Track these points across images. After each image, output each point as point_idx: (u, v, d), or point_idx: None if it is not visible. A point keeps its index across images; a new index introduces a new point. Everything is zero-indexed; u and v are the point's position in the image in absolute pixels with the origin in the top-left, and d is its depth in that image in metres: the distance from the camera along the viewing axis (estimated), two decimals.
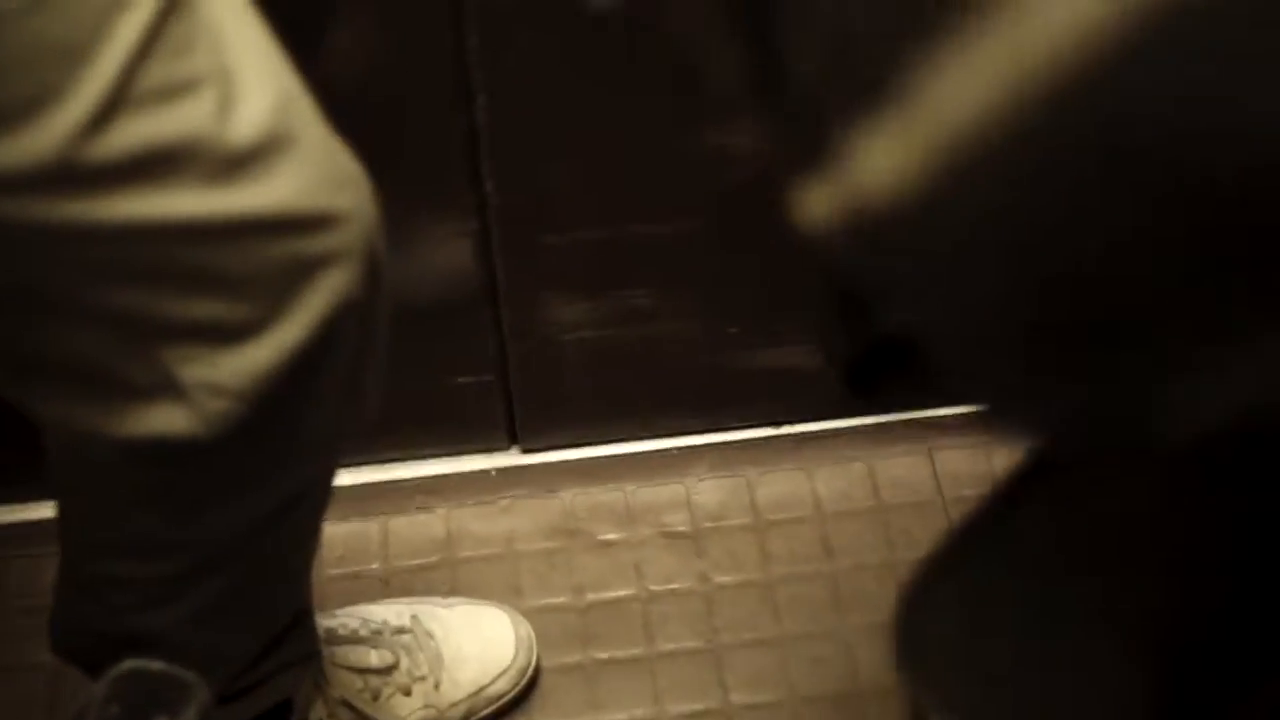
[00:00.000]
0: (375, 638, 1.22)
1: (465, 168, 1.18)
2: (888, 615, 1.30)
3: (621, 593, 1.33)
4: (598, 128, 1.17)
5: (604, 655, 1.30)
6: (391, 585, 1.32)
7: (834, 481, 1.39)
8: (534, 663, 1.27)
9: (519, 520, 1.37)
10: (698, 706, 1.27)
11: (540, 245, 1.25)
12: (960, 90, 0.36)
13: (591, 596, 1.33)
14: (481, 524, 1.36)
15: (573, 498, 1.38)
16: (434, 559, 1.35)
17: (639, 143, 1.18)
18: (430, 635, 1.24)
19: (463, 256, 1.25)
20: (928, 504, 1.38)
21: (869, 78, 0.37)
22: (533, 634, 1.27)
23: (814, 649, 1.30)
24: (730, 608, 1.32)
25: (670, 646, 1.30)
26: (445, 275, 1.28)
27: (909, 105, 0.37)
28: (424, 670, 1.22)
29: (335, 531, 1.31)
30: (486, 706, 1.24)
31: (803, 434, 1.40)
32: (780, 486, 1.38)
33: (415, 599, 1.28)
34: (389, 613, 1.25)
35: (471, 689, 1.23)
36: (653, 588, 1.33)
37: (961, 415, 1.41)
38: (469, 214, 1.22)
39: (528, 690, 1.27)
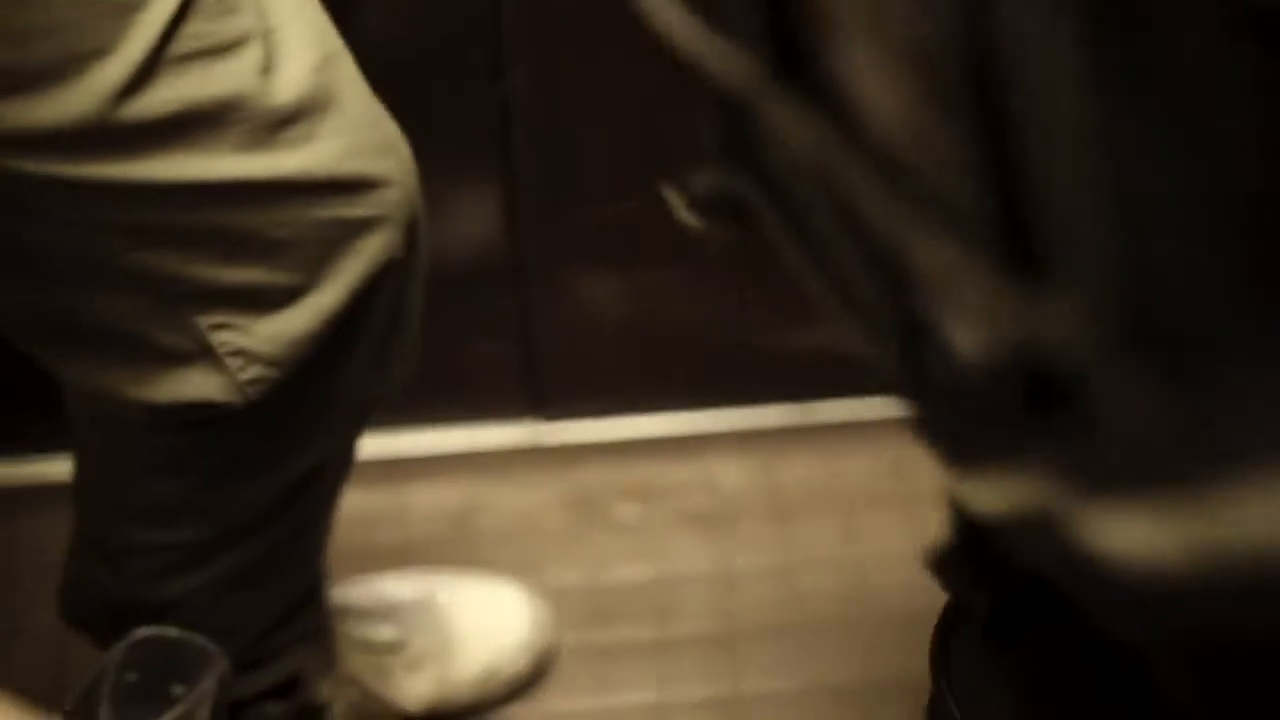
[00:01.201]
0: (385, 613, 1.20)
1: (498, 137, 1.16)
2: (910, 606, 1.29)
3: (639, 574, 1.31)
4: (630, 99, 1.15)
5: (618, 637, 1.28)
6: (408, 557, 1.30)
7: (860, 468, 1.37)
8: (548, 644, 1.25)
9: (539, 495, 1.35)
10: (711, 692, 1.25)
11: (569, 217, 1.23)
12: None
13: (608, 576, 1.31)
14: (500, 498, 1.34)
15: (594, 474, 1.36)
16: (451, 532, 1.33)
17: (671, 115, 1.16)
18: (442, 611, 1.22)
19: (490, 226, 1.24)
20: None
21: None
22: (548, 614, 1.25)
23: (832, 638, 1.28)
24: (749, 593, 1.30)
25: (685, 630, 1.28)
26: (472, 244, 1.26)
27: None
28: (435, 647, 1.20)
29: (353, 501, 1.28)
30: (499, 687, 1.22)
31: (830, 420, 1.38)
32: (805, 471, 1.36)
33: (430, 573, 1.26)
34: (403, 587, 1.23)
35: (483, 668, 1.21)
36: (670, 569, 1.31)
37: None
38: (498, 184, 1.20)
39: (541, 671, 1.25)
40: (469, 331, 1.30)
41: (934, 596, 0.84)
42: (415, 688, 1.18)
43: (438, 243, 1.21)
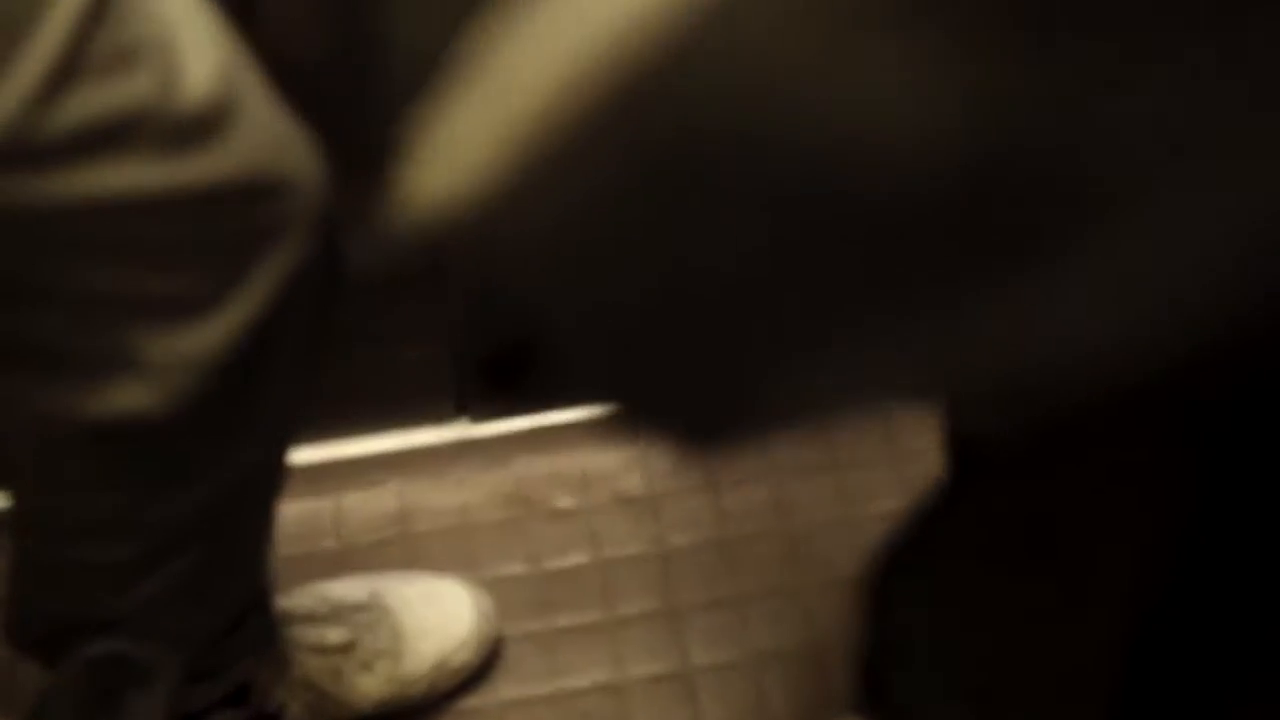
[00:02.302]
0: (333, 615, 1.21)
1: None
2: (845, 570, 1.32)
3: (579, 559, 1.33)
4: None
5: (564, 622, 1.30)
6: (348, 562, 1.32)
7: (788, 440, 1.39)
8: (495, 633, 1.27)
9: (473, 492, 1.36)
10: (660, 668, 1.28)
11: None
12: (531, 65, 0.31)
13: (549, 564, 1.33)
14: (435, 497, 1.36)
15: (526, 466, 1.37)
16: (389, 534, 1.34)
17: None
18: (389, 610, 1.23)
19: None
20: (881, 458, 1.39)
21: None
22: (492, 605, 1.27)
23: (772, 606, 1.31)
24: (687, 569, 1.33)
25: (629, 610, 1.31)
26: (388, 247, 1.27)
27: (477, 80, 0.33)
28: (385, 645, 1.21)
29: (288, 510, 1.30)
30: (450, 678, 1.24)
31: None
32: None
33: (372, 575, 1.27)
34: (346, 590, 1.24)
35: (434, 661, 1.22)
36: (609, 553, 1.33)
37: None
38: None
39: (490, 660, 1.26)
40: (392, 333, 1.31)
41: (868, 560, 0.87)
42: (368, 686, 1.20)
43: (354, 249, 1.22)
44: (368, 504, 1.35)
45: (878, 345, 0.34)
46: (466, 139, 0.33)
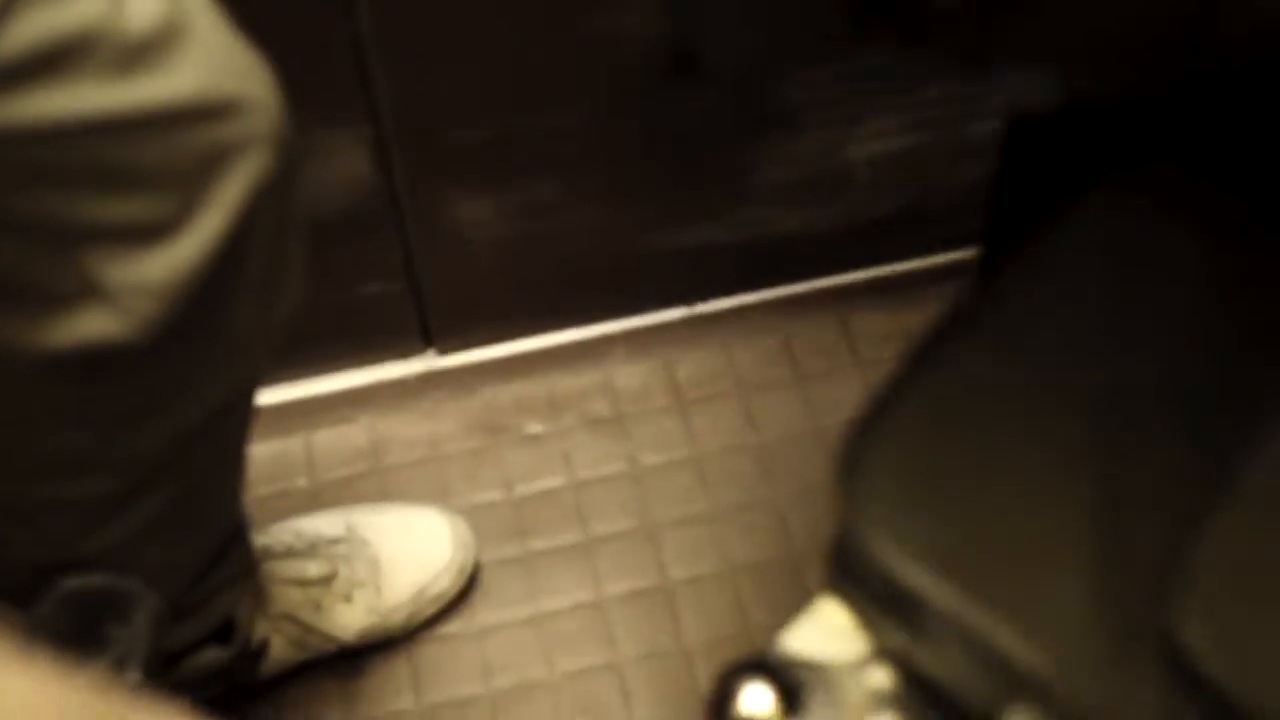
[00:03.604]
0: (311, 549, 1.22)
1: (352, 74, 1.17)
2: (815, 479, 1.33)
3: (552, 483, 1.34)
4: (486, 23, 1.16)
5: (541, 545, 1.31)
6: (321, 498, 1.32)
7: (752, 355, 1.40)
8: (472, 559, 1.27)
9: (443, 422, 1.37)
10: (638, 584, 1.29)
11: (439, 145, 1.24)
12: None
13: (522, 489, 1.34)
14: (405, 429, 1.36)
15: (494, 394, 1.38)
16: (361, 468, 1.34)
17: (528, 32, 1.17)
18: (366, 541, 1.24)
19: (359, 164, 1.24)
20: (845, 369, 1.40)
21: None
22: (469, 531, 1.27)
23: (746, 519, 1.32)
24: (660, 487, 1.34)
25: (605, 530, 1.32)
26: (343, 184, 1.27)
27: None
28: (363, 576, 1.22)
29: (260, 451, 1.29)
30: (429, 606, 1.25)
31: (717, 311, 1.41)
32: (699, 364, 1.40)
33: (347, 508, 1.28)
34: (322, 523, 1.25)
35: (412, 590, 1.23)
36: (582, 475, 1.34)
37: (869, 280, 1.43)
38: (361, 120, 1.20)
39: (469, 587, 1.27)
40: (353, 271, 1.31)
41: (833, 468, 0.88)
42: (349, 617, 1.20)
43: (310, 186, 1.22)
44: (339, 440, 1.36)
45: None
46: None
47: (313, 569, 1.19)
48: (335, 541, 1.22)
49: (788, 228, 1.36)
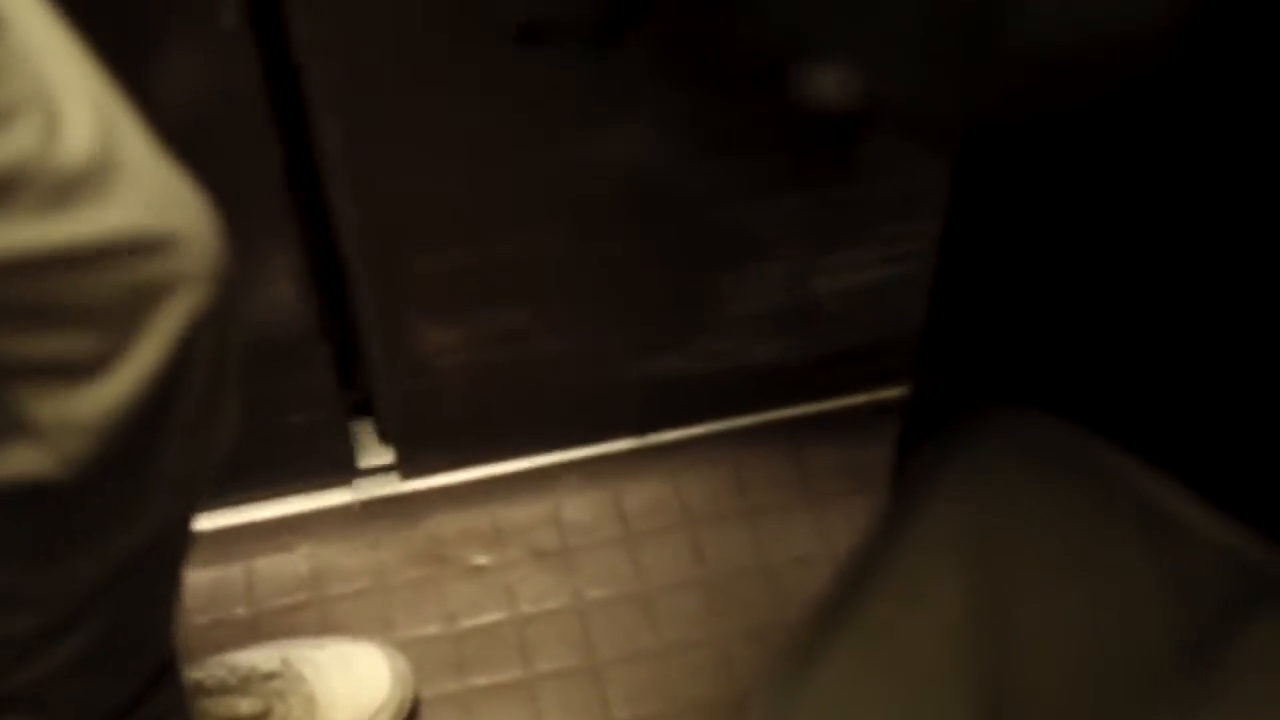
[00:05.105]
0: (244, 685, 1.19)
1: (282, 202, 1.15)
2: (762, 618, 1.31)
3: (495, 617, 1.32)
4: (453, 147, 1.16)
5: (482, 681, 1.28)
6: (260, 628, 1.29)
7: (701, 487, 1.39)
8: (411, 696, 1.24)
9: (385, 552, 1.34)
10: None
11: (403, 272, 1.23)
12: None
13: (465, 622, 1.31)
14: (347, 558, 1.34)
15: (439, 524, 1.36)
16: (302, 597, 1.32)
17: (496, 160, 1.17)
18: (302, 678, 1.21)
19: (289, 294, 1.23)
20: (795, 503, 1.38)
21: None
22: (408, 667, 1.25)
23: (692, 658, 1.30)
24: (605, 623, 1.31)
25: (548, 667, 1.29)
26: (274, 313, 1.25)
27: None
28: (298, 714, 1.19)
29: (198, 578, 1.28)
30: None
31: (667, 442, 1.40)
32: (648, 496, 1.38)
33: (284, 642, 1.25)
34: (257, 658, 1.22)
35: None
36: (526, 609, 1.32)
37: (822, 412, 1.42)
38: (292, 251, 1.19)
39: None
40: (280, 403, 1.29)
41: (791, 607, 0.86)
42: None
43: (248, 316, 1.21)
44: (279, 568, 1.33)
45: None
46: None
47: (245, 706, 1.16)
48: (270, 677, 1.19)
49: (751, 359, 1.35)
